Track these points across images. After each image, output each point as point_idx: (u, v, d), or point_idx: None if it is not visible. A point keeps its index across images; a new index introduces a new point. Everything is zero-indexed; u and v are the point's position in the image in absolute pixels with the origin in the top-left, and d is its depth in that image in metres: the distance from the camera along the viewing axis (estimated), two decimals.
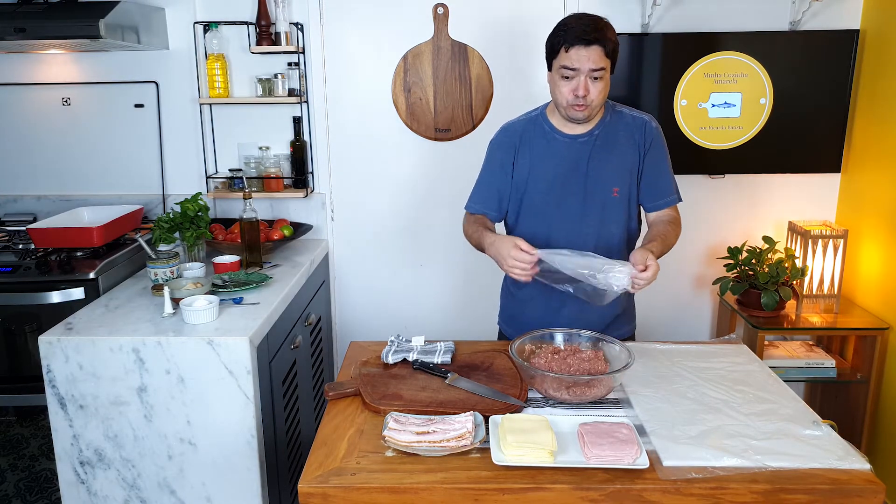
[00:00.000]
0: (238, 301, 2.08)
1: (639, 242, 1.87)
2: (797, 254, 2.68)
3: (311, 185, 2.88)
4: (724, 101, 2.69)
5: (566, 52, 1.69)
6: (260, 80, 2.74)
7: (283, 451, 2.18)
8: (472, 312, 3.01)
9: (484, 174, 1.95)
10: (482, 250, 1.82)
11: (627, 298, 1.97)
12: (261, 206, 2.86)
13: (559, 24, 1.74)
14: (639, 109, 1.89)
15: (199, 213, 2.41)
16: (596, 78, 1.70)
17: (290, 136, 2.83)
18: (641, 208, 1.92)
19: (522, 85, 2.81)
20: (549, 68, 1.77)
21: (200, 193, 2.46)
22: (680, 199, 1.90)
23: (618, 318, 1.94)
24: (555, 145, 1.83)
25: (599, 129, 1.82)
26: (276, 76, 2.73)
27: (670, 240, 1.81)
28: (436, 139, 2.86)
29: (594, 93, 1.71)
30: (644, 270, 1.59)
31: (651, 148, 1.84)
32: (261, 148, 2.84)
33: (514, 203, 1.90)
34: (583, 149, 1.82)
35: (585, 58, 1.68)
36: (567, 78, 1.71)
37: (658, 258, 1.67)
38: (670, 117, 2.70)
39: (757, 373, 1.67)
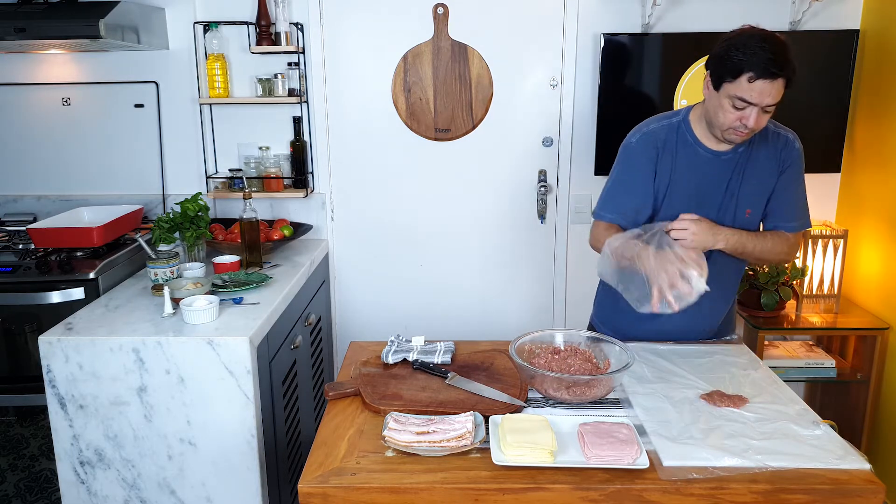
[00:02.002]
0: (238, 301, 2.08)
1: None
2: (797, 254, 2.68)
3: (311, 185, 2.88)
4: None
5: (749, 82, 1.53)
6: (260, 80, 2.74)
7: (283, 451, 2.18)
8: (472, 313, 3.01)
9: (620, 181, 1.79)
10: (626, 259, 1.61)
11: (728, 301, 1.91)
12: (261, 206, 2.86)
13: (738, 45, 1.55)
14: (783, 125, 1.78)
15: (199, 213, 2.41)
16: (768, 111, 1.59)
17: (290, 136, 2.83)
18: (763, 224, 1.81)
19: (522, 85, 2.81)
20: (716, 86, 1.61)
21: (200, 193, 2.46)
22: (803, 227, 1.77)
23: (722, 326, 1.91)
24: (697, 160, 1.73)
25: (744, 146, 1.71)
26: (276, 76, 2.73)
27: (760, 242, 1.69)
28: (436, 139, 2.86)
29: (762, 123, 1.61)
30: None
31: (789, 168, 1.73)
32: (261, 148, 2.84)
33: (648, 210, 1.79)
34: (725, 167, 1.72)
35: (767, 92, 1.55)
36: (738, 108, 1.58)
37: (734, 247, 1.62)
38: None
39: (757, 373, 1.67)
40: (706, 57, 2.63)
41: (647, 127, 1.78)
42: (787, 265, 2.59)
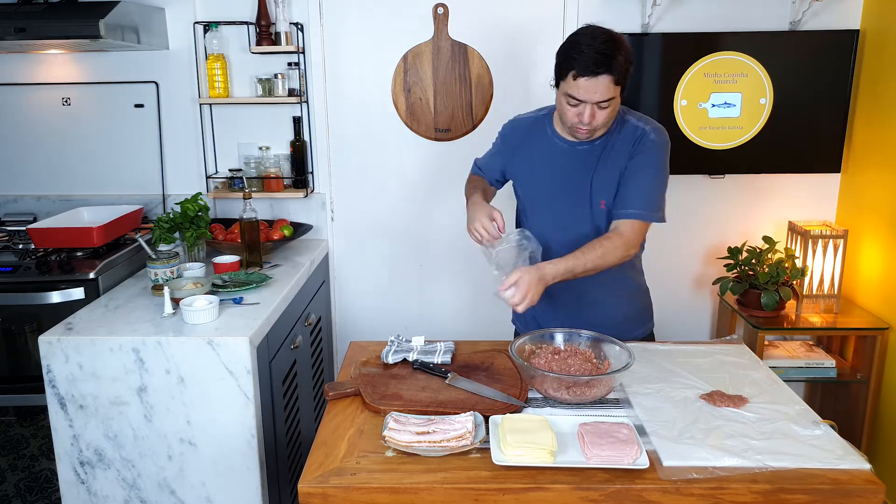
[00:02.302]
0: (238, 301, 2.08)
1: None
2: (797, 254, 2.68)
3: (310, 185, 2.88)
4: (724, 101, 2.69)
5: (573, 80, 1.59)
6: (260, 80, 2.74)
7: (283, 451, 2.18)
8: (472, 313, 3.01)
9: (490, 151, 2.02)
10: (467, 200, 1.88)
11: (637, 301, 1.95)
12: (261, 206, 2.86)
13: (570, 43, 1.62)
14: (651, 119, 1.78)
15: (199, 213, 2.41)
16: (603, 107, 1.63)
17: (290, 136, 2.83)
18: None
19: (522, 85, 2.81)
20: (556, 84, 1.68)
21: (200, 193, 2.46)
22: (639, 217, 1.72)
23: (628, 321, 1.93)
24: (553, 150, 1.81)
25: (602, 139, 1.76)
26: (276, 76, 2.73)
27: (589, 259, 1.66)
28: (436, 139, 2.86)
29: (600, 119, 1.65)
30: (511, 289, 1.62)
31: (635, 156, 1.73)
32: (261, 148, 2.84)
33: (520, 200, 1.95)
34: (581, 158, 1.78)
35: (592, 90, 1.59)
36: (572, 105, 1.64)
37: (564, 277, 1.64)
38: (670, 117, 2.70)
39: (757, 373, 1.67)
40: (706, 57, 2.66)
41: (519, 116, 1.97)
42: (786, 265, 2.59)
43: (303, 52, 2.75)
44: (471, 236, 1.76)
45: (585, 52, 1.57)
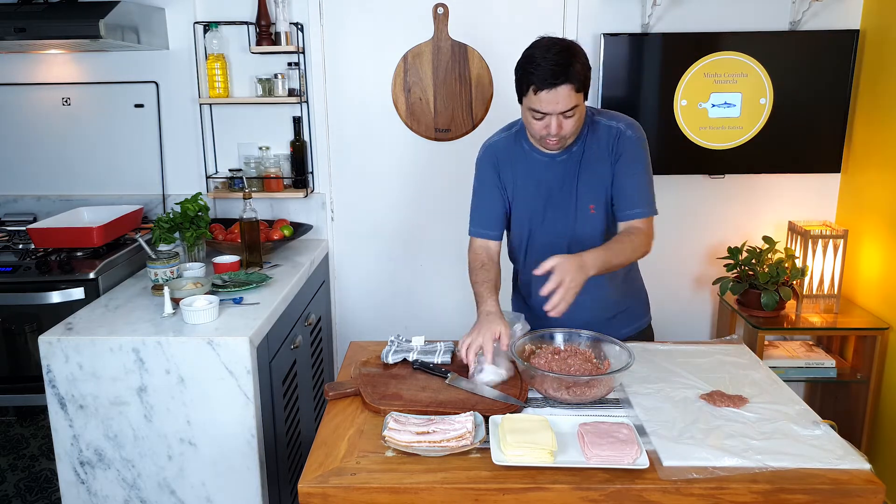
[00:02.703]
0: (238, 301, 2.08)
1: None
2: (797, 254, 2.68)
3: (311, 185, 2.88)
4: (724, 101, 2.69)
5: (534, 94, 1.59)
6: (260, 80, 2.74)
7: (283, 451, 2.18)
8: (472, 312, 3.01)
9: (477, 195, 1.89)
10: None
11: (625, 298, 1.95)
12: (261, 206, 2.86)
13: (526, 58, 1.62)
14: (622, 115, 1.78)
15: (199, 213, 2.41)
16: (568, 116, 1.62)
17: (290, 136, 2.83)
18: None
19: None
20: (520, 101, 1.68)
21: (200, 193, 2.46)
22: (649, 213, 1.77)
23: (616, 317, 1.93)
24: (534, 165, 1.80)
25: (578, 145, 1.75)
26: (276, 76, 2.73)
27: (620, 248, 1.69)
28: (436, 139, 2.86)
29: (567, 128, 1.64)
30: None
31: (621, 157, 1.74)
32: (261, 148, 2.84)
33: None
34: (561, 168, 1.77)
35: (553, 101, 1.59)
36: (537, 119, 1.64)
37: (602, 268, 1.61)
38: (670, 117, 2.70)
39: (757, 373, 1.67)
40: (706, 57, 2.66)
41: (490, 140, 1.88)
42: (786, 265, 2.59)
43: (303, 52, 2.75)
44: (460, 348, 1.63)
45: (542, 64, 1.57)
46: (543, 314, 1.62)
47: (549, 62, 1.56)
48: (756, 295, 2.58)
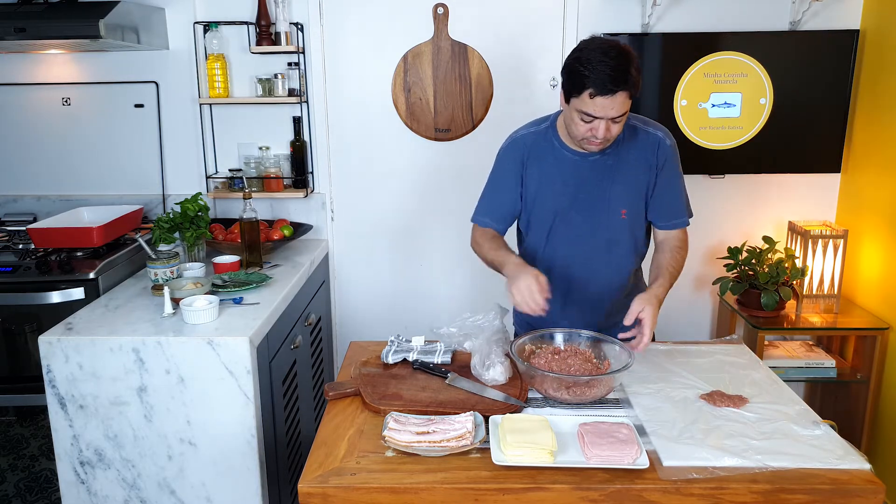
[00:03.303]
0: (238, 301, 2.08)
1: (646, 268, 1.89)
2: (797, 254, 2.68)
3: (311, 185, 2.88)
4: (724, 101, 2.69)
5: (590, 98, 1.56)
6: (260, 80, 2.74)
7: (283, 451, 2.18)
8: (472, 312, 3.01)
9: (491, 185, 1.87)
10: (496, 269, 1.78)
11: (628, 298, 1.96)
12: (261, 206, 2.86)
13: (579, 60, 1.57)
14: (654, 122, 1.80)
15: (199, 213, 2.41)
16: (617, 122, 1.61)
17: (290, 136, 2.83)
18: (651, 225, 1.86)
19: (522, 85, 2.81)
20: (566, 99, 1.64)
21: (200, 193, 2.46)
22: (688, 221, 1.84)
23: (618, 312, 1.93)
24: (564, 163, 1.77)
25: (612, 148, 1.74)
26: (276, 76, 2.73)
27: (678, 269, 1.78)
28: (436, 139, 2.86)
29: (613, 132, 1.63)
30: (641, 330, 1.61)
31: (664, 167, 1.77)
32: (261, 148, 2.84)
33: (525, 215, 1.86)
34: (593, 168, 1.76)
35: (609, 107, 1.56)
36: (585, 121, 1.61)
37: (667, 291, 1.71)
38: (670, 117, 2.70)
39: (757, 373, 1.67)
40: (706, 57, 2.66)
41: (517, 133, 1.84)
42: (786, 265, 2.59)
43: (303, 52, 2.75)
44: (513, 300, 1.63)
45: (600, 69, 1.53)
46: (547, 312, 1.64)
47: (608, 67, 1.53)
48: (756, 295, 2.58)
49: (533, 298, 1.59)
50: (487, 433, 1.37)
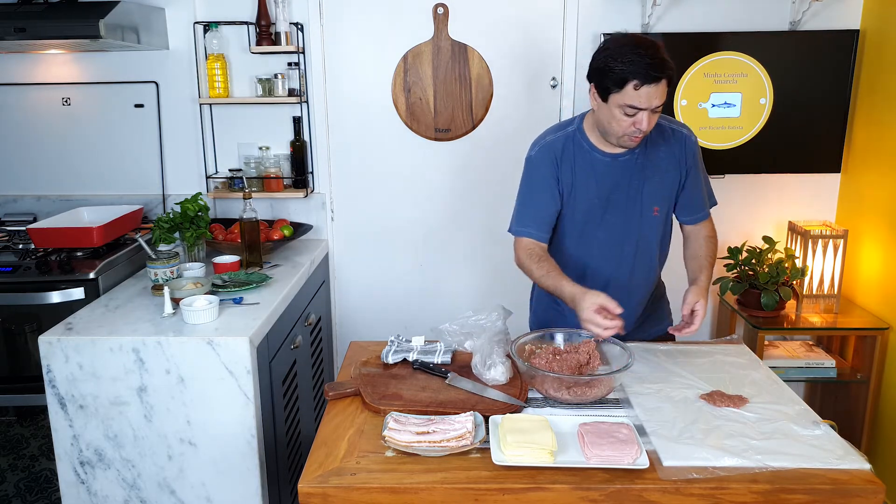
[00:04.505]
0: (238, 301, 2.08)
1: (668, 263, 1.94)
2: (797, 254, 2.68)
3: (311, 185, 2.88)
4: (724, 101, 2.69)
5: (636, 90, 1.57)
6: (260, 80, 2.74)
7: (283, 451, 2.18)
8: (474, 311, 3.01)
9: (527, 194, 1.83)
10: (550, 292, 1.76)
11: (654, 301, 1.98)
12: (261, 206, 2.86)
13: (613, 57, 1.58)
14: (675, 119, 1.81)
15: (199, 213, 2.41)
16: (656, 111, 1.63)
17: (290, 136, 2.83)
18: (676, 219, 1.89)
19: (522, 85, 2.81)
20: (603, 98, 1.64)
21: (200, 193, 2.46)
22: (714, 204, 1.90)
23: (648, 320, 1.96)
24: (596, 165, 1.77)
25: (640, 148, 1.75)
26: (276, 76, 2.73)
27: (714, 258, 1.84)
28: (436, 139, 2.86)
29: (653, 123, 1.65)
30: (691, 319, 1.69)
31: (692, 163, 1.81)
32: (261, 148, 2.84)
33: (558, 219, 1.85)
34: (624, 168, 1.76)
35: (654, 96, 1.58)
36: (629, 115, 1.61)
37: (710, 281, 1.78)
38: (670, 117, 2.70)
39: (757, 373, 1.67)
40: (706, 57, 2.66)
41: (544, 139, 1.82)
42: (786, 265, 2.59)
43: (303, 52, 2.75)
44: (589, 331, 1.62)
45: (638, 60, 1.55)
46: (571, 312, 1.68)
47: (647, 56, 1.55)
48: (756, 295, 2.58)
49: (606, 323, 1.58)
50: (487, 433, 1.37)
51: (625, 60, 1.56)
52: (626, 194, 1.78)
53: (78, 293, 2.26)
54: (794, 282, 2.63)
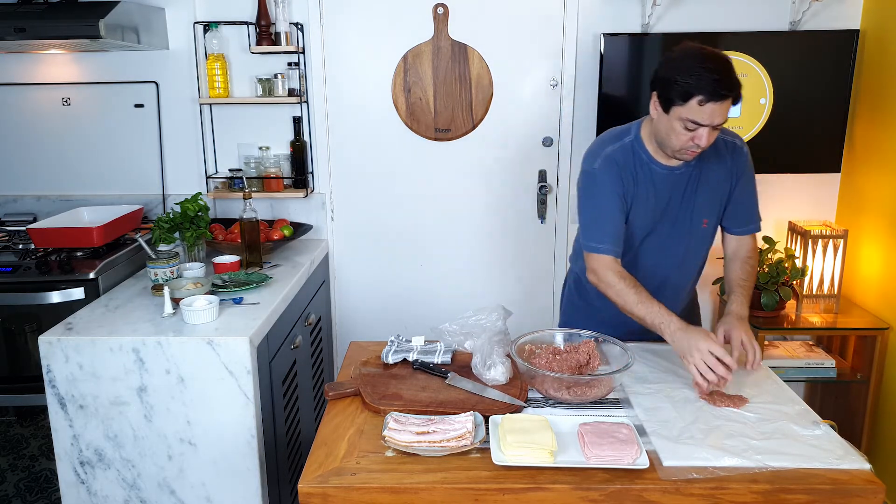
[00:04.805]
0: (238, 301, 2.08)
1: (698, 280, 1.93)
2: (797, 254, 2.68)
3: (311, 185, 2.88)
4: None
5: (700, 106, 1.53)
6: (260, 80, 2.74)
7: (283, 451, 2.18)
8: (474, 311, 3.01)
9: (597, 209, 1.77)
10: (637, 317, 1.67)
11: (690, 304, 1.98)
12: (261, 206, 2.86)
13: (679, 69, 1.55)
14: (727, 128, 1.75)
15: (199, 213, 2.41)
16: (717, 128, 1.59)
17: (290, 136, 2.83)
18: (721, 229, 1.86)
19: (522, 85, 2.81)
20: (665, 109, 1.60)
21: (200, 193, 2.46)
22: (760, 225, 1.86)
23: (685, 316, 1.94)
24: (655, 177, 1.74)
25: (695, 159, 1.71)
26: (276, 76, 2.73)
27: (749, 281, 1.79)
28: (436, 139, 2.86)
29: (711, 140, 1.61)
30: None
31: (742, 174, 1.77)
32: (261, 148, 2.84)
33: None
34: (679, 181, 1.75)
35: (718, 113, 1.54)
36: (689, 129, 1.58)
37: (745, 305, 1.73)
38: None
39: (757, 373, 1.67)
40: None
41: (603, 151, 1.76)
42: (786, 265, 2.59)
43: (303, 52, 2.75)
44: (690, 370, 1.54)
45: (706, 75, 1.51)
46: (608, 318, 1.73)
47: (715, 72, 1.52)
48: (756, 295, 2.58)
49: (716, 371, 1.51)
50: (487, 433, 1.37)
51: (692, 74, 1.52)
52: (679, 207, 1.76)
53: (78, 293, 2.26)
54: (794, 282, 2.63)
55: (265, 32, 2.67)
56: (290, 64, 2.75)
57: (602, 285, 1.74)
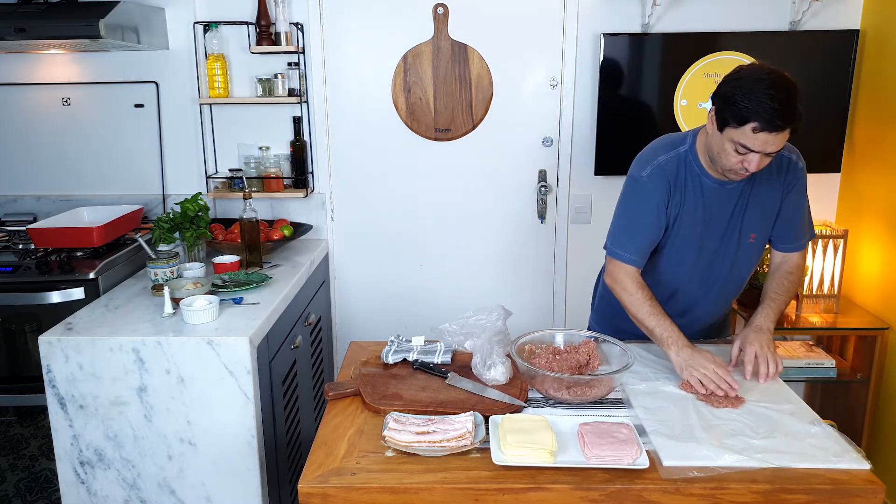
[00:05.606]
0: (238, 301, 2.08)
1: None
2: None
3: (311, 185, 2.88)
4: None
5: (753, 133, 1.48)
6: (260, 80, 2.74)
7: (283, 451, 2.18)
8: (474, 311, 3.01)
9: (633, 217, 1.74)
10: (644, 327, 1.70)
11: (724, 315, 1.99)
12: (261, 206, 2.86)
13: (742, 90, 1.48)
14: (788, 144, 1.69)
15: (199, 213, 2.41)
16: (770, 155, 1.54)
17: (290, 136, 2.83)
18: (769, 242, 1.84)
19: (522, 85, 2.81)
20: (720, 127, 1.56)
21: (200, 193, 2.46)
22: (811, 237, 1.82)
23: (717, 328, 1.97)
24: (705, 191, 1.71)
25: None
26: (276, 76, 2.73)
27: (784, 294, 1.76)
28: (436, 139, 2.86)
29: (764, 164, 1.56)
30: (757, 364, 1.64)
31: (793, 189, 1.73)
32: (261, 148, 2.84)
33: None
34: (729, 195, 1.71)
35: (771, 143, 1.49)
36: (740, 153, 1.54)
37: (775, 322, 1.71)
38: (670, 117, 2.70)
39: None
40: (706, 57, 2.66)
41: (656, 159, 1.72)
42: None
43: (303, 52, 2.75)
44: (692, 380, 1.57)
45: (767, 103, 1.45)
46: (633, 330, 1.72)
47: (777, 101, 1.45)
48: (756, 295, 2.55)
49: (722, 383, 1.54)
50: (487, 433, 1.37)
51: (752, 99, 1.47)
52: (728, 221, 1.73)
53: (78, 293, 2.26)
54: None
55: (265, 32, 2.67)
56: (290, 64, 2.75)
57: (618, 288, 1.75)
